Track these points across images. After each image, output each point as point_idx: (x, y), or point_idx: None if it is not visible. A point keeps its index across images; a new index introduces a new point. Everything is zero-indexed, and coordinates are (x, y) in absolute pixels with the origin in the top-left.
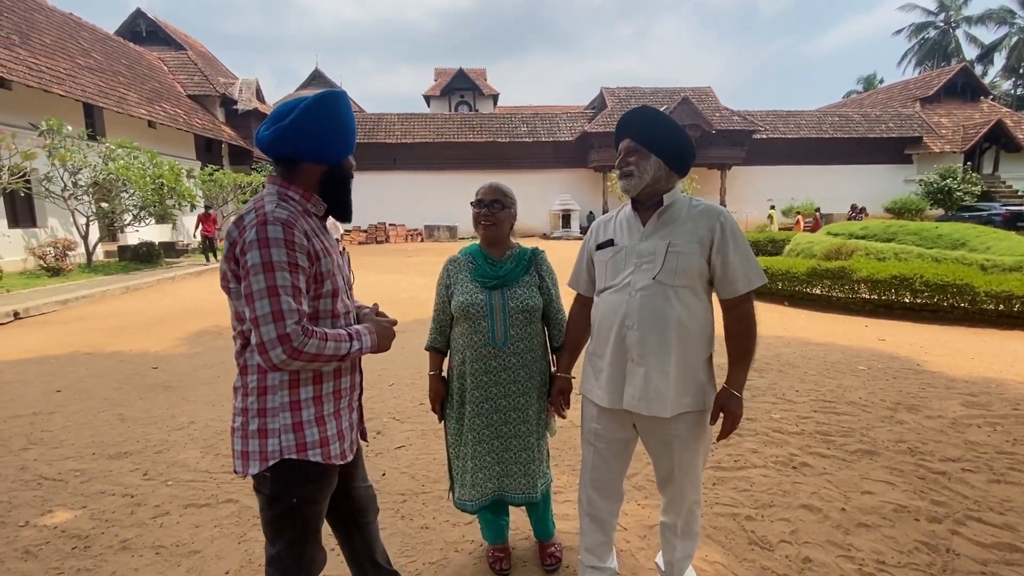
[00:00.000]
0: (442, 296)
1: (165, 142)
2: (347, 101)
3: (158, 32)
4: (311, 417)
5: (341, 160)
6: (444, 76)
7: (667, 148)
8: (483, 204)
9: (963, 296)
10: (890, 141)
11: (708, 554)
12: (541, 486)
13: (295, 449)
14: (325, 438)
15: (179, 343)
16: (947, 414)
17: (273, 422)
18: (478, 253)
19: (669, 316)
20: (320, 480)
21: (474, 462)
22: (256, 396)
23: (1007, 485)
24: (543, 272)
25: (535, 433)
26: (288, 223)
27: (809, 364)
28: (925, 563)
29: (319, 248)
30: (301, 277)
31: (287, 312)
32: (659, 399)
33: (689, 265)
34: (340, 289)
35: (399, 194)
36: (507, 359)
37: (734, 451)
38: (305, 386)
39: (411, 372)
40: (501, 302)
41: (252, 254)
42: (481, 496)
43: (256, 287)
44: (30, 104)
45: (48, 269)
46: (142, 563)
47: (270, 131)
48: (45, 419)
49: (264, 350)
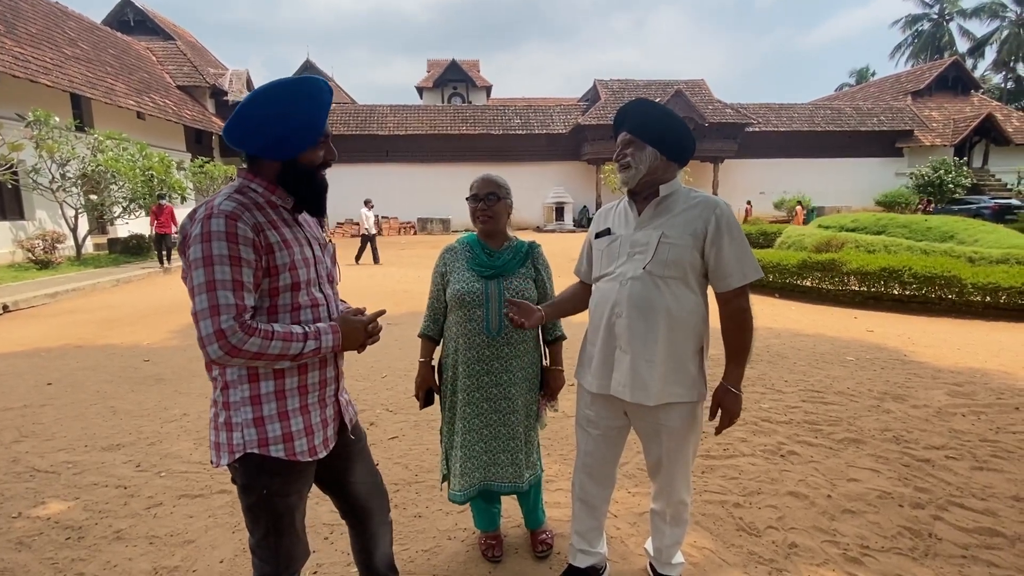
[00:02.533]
0: (437, 284)
1: (154, 133)
2: (292, 95)
3: (146, 22)
4: (273, 412)
5: (294, 155)
6: (437, 67)
7: (663, 138)
8: (478, 198)
9: (951, 288)
10: (881, 134)
11: (697, 540)
12: (529, 477)
13: (256, 444)
14: (288, 434)
15: (171, 335)
16: (932, 403)
17: (236, 416)
18: (476, 243)
19: (657, 306)
20: (287, 475)
21: (463, 451)
22: (220, 390)
23: (989, 472)
24: (539, 265)
25: (523, 423)
26: (232, 215)
27: (798, 355)
28: (908, 547)
29: (274, 240)
30: (244, 270)
31: (223, 307)
32: (643, 387)
33: (680, 257)
34: (304, 282)
35: (392, 187)
36: (500, 348)
37: (723, 440)
38: (265, 380)
39: (404, 364)
40: (497, 292)
41: (194, 248)
42: (468, 485)
43: (196, 281)
44: (16, 95)
45: (37, 262)
46: (136, 553)
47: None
48: (36, 412)
49: (202, 345)
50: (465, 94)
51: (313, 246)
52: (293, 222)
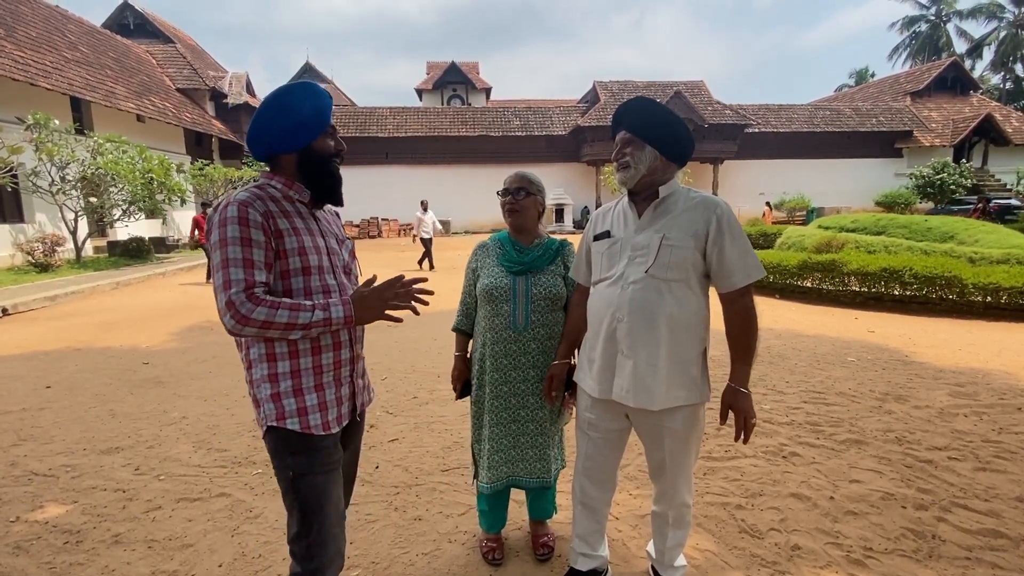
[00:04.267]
0: (469, 279)
1: (154, 136)
2: (297, 91)
3: (146, 25)
4: (288, 389)
5: (305, 144)
6: (436, 70)
7: (662, 138)
8: (508, 192)
9: (951, 288)
10: (881, 135)
11: (699, 542)
12: (555, 471)
13: (275, 418)
14: (303, 408)
15: (170, 338)
16: (934, 404)
17: (259, 392)
18: (506, 239)
19: (659, 310)
20: (306, 452)
21: (491, 444)
22: (247, 369)
23: (992, 473)
24: (569, 263)
25: (550, 419)
26: (244, 203)
27: (799, 356)
28: (911, 549)
29: (283, 227)
30: (255, 250)
31: (233, 282)
32: (646, 392)
33: (682, 259)
34: (316, 268)
35: (391, 188)
36: (527, 343)
37: (725, 441)
38: (282, 360)
39: (404, 366)
40: (525, 287)
41: (213, 233)
42: (496, 479)
43: (214, 262)
44: (16, 98)
45: (36, 265)
46: (134, 557)
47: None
48: (35, 415)
49: (220, 317)
50: (464, 96)
51: (328, 239)
52: (309, 216)
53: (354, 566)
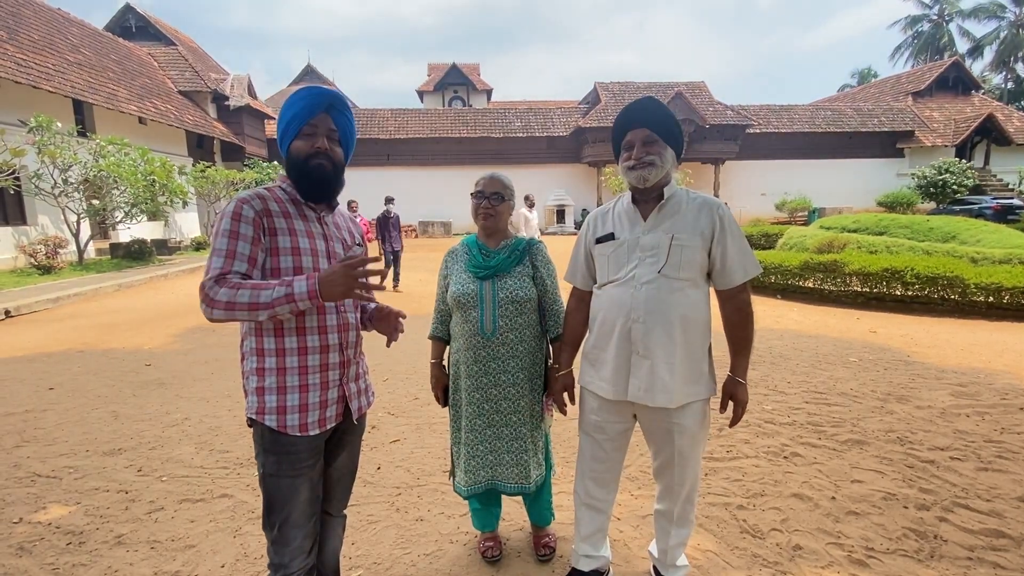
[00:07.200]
0: (441, 287)
1: (156, 138)
2: (290, 97)
3: (148, 27)
4: (272, 385)
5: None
6: (437, 71)
7: (677, 139)
8: (484, 196)
9: (953, 288)
10: (882, 135)
11: (700, 542)
12: (536, 477)
13: (256, 411)
14: (283, 407)
15: (173, 340)
16: (936, 404)
17: (247, 383)
18: (473, 244)
19: (674, 310)
20: (276, 452)
21: (468, 449)
22: (240, 360)
23: (994, 473)
24: (538, 263)
25: (528, 424)
26: (242, 200)
27: (801, 356)
28: (913, 549)
29: (279, 226)
30: (240, 243)
31: (212, 269)
32: (665, 391)
33: (693, 258)
34: (307, 269)
35: (392, 190)
36: (495, 349)
37: (726, 441)
38: (270, 356)
39: (405, 367)
40: (492, 293)
41: (214, 228)
42: (474, 483)
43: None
44: (19, 101)
45: (39, 267)
46: (137, 558)
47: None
48: (38, 417)
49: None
50: (466, 97)
51: (331, 243)
52: (315, 219)
53: (356, 566)
